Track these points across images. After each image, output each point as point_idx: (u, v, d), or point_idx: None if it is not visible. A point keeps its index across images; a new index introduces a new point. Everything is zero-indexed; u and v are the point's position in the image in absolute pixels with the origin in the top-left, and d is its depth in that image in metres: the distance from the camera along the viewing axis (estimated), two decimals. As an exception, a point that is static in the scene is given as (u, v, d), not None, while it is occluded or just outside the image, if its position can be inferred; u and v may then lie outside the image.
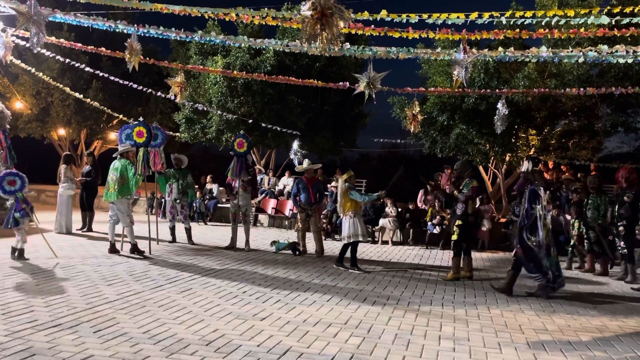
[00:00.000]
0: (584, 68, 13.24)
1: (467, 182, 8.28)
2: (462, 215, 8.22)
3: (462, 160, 8.81)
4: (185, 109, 18.17)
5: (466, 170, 8.42)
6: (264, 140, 17.91)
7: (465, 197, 8.20)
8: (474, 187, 8.28)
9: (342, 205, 8.61)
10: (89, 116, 21.23)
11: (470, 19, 6.85)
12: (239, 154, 10.13)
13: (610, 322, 5.97)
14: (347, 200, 8.54)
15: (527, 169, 7.50)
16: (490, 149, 14.45)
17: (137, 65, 7.82)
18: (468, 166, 8.56)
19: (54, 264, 7.68)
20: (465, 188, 8.24)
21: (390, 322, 5.52)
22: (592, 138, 15.22)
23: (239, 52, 16.67)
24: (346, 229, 8.55)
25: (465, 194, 8.21)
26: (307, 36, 5.60)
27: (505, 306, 6.53)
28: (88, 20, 8.02)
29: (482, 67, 13.61)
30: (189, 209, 11.34)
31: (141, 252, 8.92)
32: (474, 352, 4.70)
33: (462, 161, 8.79)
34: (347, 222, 8.54)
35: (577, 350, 4.87)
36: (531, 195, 7.25)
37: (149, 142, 9.00)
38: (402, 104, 15.55)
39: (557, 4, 13.26)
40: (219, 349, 4.39)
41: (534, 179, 7.39)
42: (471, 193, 8.22)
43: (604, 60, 7.75)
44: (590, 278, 9.01)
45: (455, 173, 8.51)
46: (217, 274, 7.64)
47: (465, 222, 8.22)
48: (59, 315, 5.10)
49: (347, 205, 8.55)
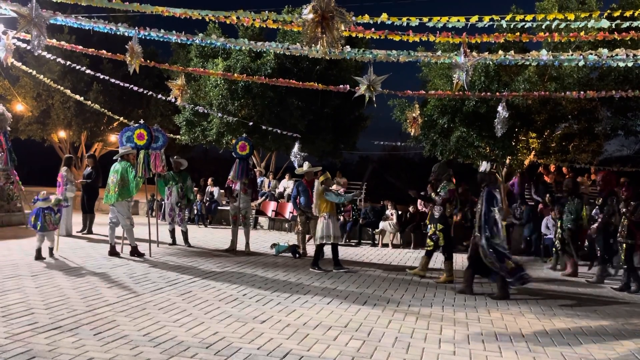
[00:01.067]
0: (584, 71, 13.25)
1: (444, 184, 8.32)
2: (440, 219, 8.27)
3: (440, 162, 8.80)
4: (186, 111, 18.18)
5: (444, 172, 8.45)
6: (264, 143, 17.92)
7: (442, 199, 8.25)
8: (451, 189, 8.31)
9: (318, 206, 8.72)
10: (89, 118, 21.26)
11: (470, 22, 6.87)
12: (241, 156, 10.15)
13: (611, 325, 5.97)
14: (323, 201, 8.64)
15: (485, 169, 7.53)
16: (490, 152, 14.45)
17: (138, 68, 7.82)
18: (446, 168, 8.57)
19: (54, 266, 7.67)
20: (443, 191, 8.28)
21: (390, 325, 5.51)
22: (592, 141, 15.22)
23: (239, 54, 16.69)
24: (319, 230, 8.62)
25: (442, 196, 8.26)
26: (308, 39, 5.61)
27: (506, 309, 6.52)
28: (89, 22, 8.03)
29: (483, 70, 13.61)
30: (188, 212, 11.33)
31: (141, 254, 8.92)
32: (474, 355, 4.70)
33: (440, 163, 8.78)
34: (322, 223, 8.62)
35: (577, 354, 4.86)
36: (488, 196, 7.27)
37: (149, 144, 9.01)
38: (403, 107, 15.55)
39: (558, 8, 13.27)
40: (219, 352, 4.39)
41: (490, 180, 7.43)
42: (448, 196, 8.27)
43: (604, 64, 7.77)
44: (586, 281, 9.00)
45: (434, 175, 8.54)
46: (217, 276, 7.64)
47: (446, 225, 8.27)
48: (59, 317, 5.09)
49: (323, 206, 8.65)
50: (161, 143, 9.75)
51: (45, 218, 8.13)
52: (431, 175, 8.60)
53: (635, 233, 7.96)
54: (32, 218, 8.18)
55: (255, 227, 15.01)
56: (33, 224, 8.16)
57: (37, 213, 8.14)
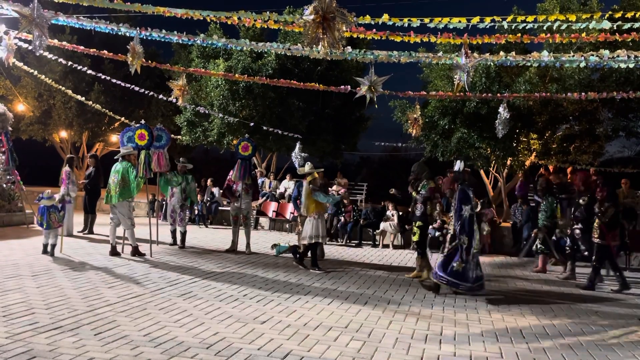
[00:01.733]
0: (585, 73, 13.24)
1: (424, 183, 8.35)
2: (421, 217, 8.31)
3: (419, 162, 8.83)
4: (187, 111, 18.19)
5: (424, 171, 8.47)
6: (265, 144, 17.92)
7: (423, 198, 8.29)
8: (431, 188, 8.34)
9: (307, 206, 8.74)
10: (90, 119, 21.28)
11: (471, 23, 6.87)
12: (243, 157, 10.16)
13: (612, 327, 5.95)
14: (312, 201, 8.68)
15: (459, 168, 7.55)
16: (491, 153, 14.45)
17: (139, 68, 7.83)
18: (425, 167, 8.60)
19: (55, 266, 7.68)
20: (423, 189, 8.30)
21: (391, 326, 5.51)
22: (593, 142, 15.21)
23: (240, 55, 16.70)
24: (308, 229, 8.67)
25: (422, 195, 8.29)
26: (309, 40, 5.61)
27: (507, 310, 6.52)
28: (90, 23, 8.05)
29: (484, 71, 13.62)
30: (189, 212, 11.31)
31: (142, 254, 8.93)
32: (474, 356, 4.69)
33: (419, 163, 8.80)
34: (310, 223, 8.66)
35: (578, 356, 4.86)
36: (462, 194, 7.30)
37: (150, 144, 9.02)
38: (404, 108, 15.55)
39: (559, 9, 13.27)
40: (219, 352, 4.39)
41: (464, 179, 7.45)
42: (428, 194, 8.30)
43: (605, 65, 7.77)
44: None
45: (414, 175, 8.56)
46: (218, 277, 7.64)
47: (426, 223, 8.32)
48: (59, 317, 5.10)
49: (312, 206, 8.68)
50: (164, 142, 9.76)
51: (50, 216, 8.46)
52: (411, 174, 8.64)
53: (607, 234, 8.07)
54: (39, 217, 8.56)
55: (256, 227, 15.01)
56: (39, 222, 8.55)
57: (42, 212, 8.47)
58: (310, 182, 8.77)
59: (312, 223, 8.64)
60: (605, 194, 8.17)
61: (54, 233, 8.62)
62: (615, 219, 8.21)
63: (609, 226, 8.10)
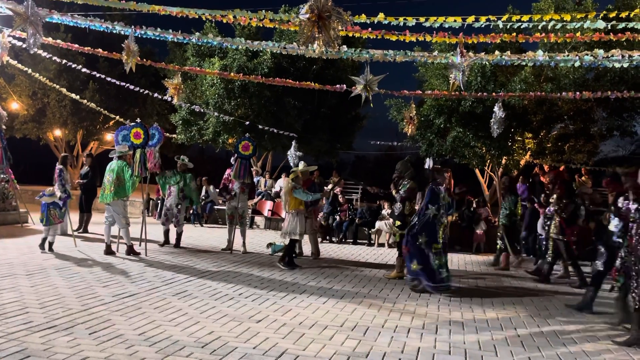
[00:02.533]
0: (580, 72, 13.30)
1: (404, 183, 8.37)
2: (399, 216, 8.35)
3: (403, 160, 8.86)
4: (182, 110, 18.15)
5: (407, 170, 8.50)
6: (261, 143, 17.87)
7: (401, 197, 8.33)
8: (410, 188, 8.37)
9: (287, 203, 8.79)
10: (85, 117, 21.18)
11: (467, 22, 6.88)
12: (243, 156, 10.12)
13: (603, 324, 5.98)
14: (292, 198, 8.72)
15: (429, 166, 7.59)
16: (486, 152, 14.49)
17: (134, 67, 7.80)
18: (409, 166, 8.62)
19: (50, 265, 7.65)
20: (403, 189, 8.33)
21: (386, 325, 5.52)
22: (587, 142, 15.27)
23: (236, 54, 16.67)
24: (285, 226, 8.74)
25: (401, 194, 8.32)
26: (305, 39, 5.60)
27: (501, 309, 6.54)
28: (85, 21, 8.00)
29: (479, 70, 13.65)
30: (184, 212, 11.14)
31: (137, 253, 8.90)
32: (469, 354, 4.71)
33: (403, 161, 8.83)
34: (288, 219, 8.74)
35: (572, 354, 4.88)
36: (430, 194, 7.36)
37: (146, 143, 9.00)
38: (399, 107, 15.57)
39: (554, 8, 13.32)
40: (215, 351, 4.38)
41: (434, 178, 7.52)
42: (406, 194, 8.34)
43: (600, 65, 7.79)
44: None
45: (397, 173, 8.58)
46: (213, 275, 7.63)
47: (404, 223, 8.29)
48: (54, 316, 5.08)
49: (292, 203, 8.73)
50: (156, 140, 9.71)
51: (50, 212, 8.73)
52: (395, 173, 8.66)
53: (566, 229, 8.20)
54: (41, 214, 8.81)
55: (251, 226, 14.99)
56: (40, 219, 8.82)
57: (44, 208, 8.75)
58: (293, 179, 8.79)
59: (289, 219, 8.70)
60: (564, 190, 8.31)
61: (54, 229, 8.86)
62: (574, 214, 8.27)
63: (568, 222, 8.22)
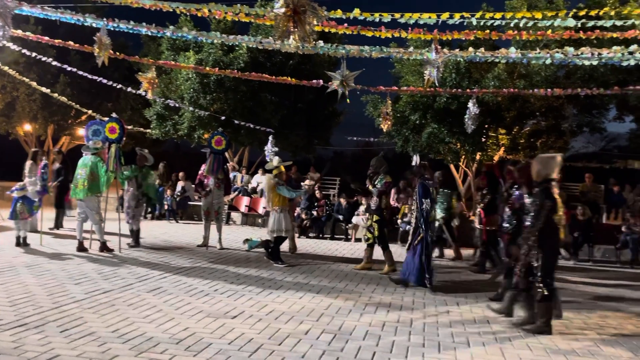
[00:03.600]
0: (551, 69, 13.57)
1: (381, 177, 8.47)
2: (376, 210, 8.44)
3: (377, 156, 8.99)
4: (157, 105, 17.91)
5: (381, 165, 8.60)
6: (237, 138, 17.78)
7: (378, 192, 8.43)
8: (387, 182, 8.48)
9: (270, 200, 8.76)
10: (56, 111, 20.71)
11: (441, 19, 6.94)
12: (216, 151, 10.02)
13: (575, 317, 6.14)
14: (275, 195, 8.69)
15: (417, 162, 7.73)
16: (461, 148, 14.69)
17: (107, 60, 7.67)
18: (383, 162, 8.73)
19: (20, 262, 7.48)
20: (379, 183, 8.43)
21: (361, 319, 5.56)
22: (559, 138, 15.61)
23: (211, 48, 16.51)
24: (271, 224, 8.69)
25: (378, 188, 8.43)
26: (280, 33, 5.58)
27: (474, 302, 6.65)
28: (55, 13, 7.83)
29: (454, 67, 13.81)
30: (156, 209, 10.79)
31: (110, 250, 8.78)
32: (443, 346, 4.78)
33: (377, 157, 8.95)
34: (273, 217, 8.69)
35: (542, 345, 5.00)
36: (422, 188, 7.51)
37: (121, 138, 8.84)
38: (376, 103, 15.67)
39: (527, 6, 13.53)
40: (189, 347, 4.36)
41: (422, 173, 7.65)
42: (384, 188, 8.46)
43: (571, 62, 7.96)
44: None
45: (372, 169, 8.68)
46: (189, 272, 7.57)
47: (381, 217, 8.43)
48: (24, 314, 4.98)
49: (275, 200, 8.70)
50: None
51: (17, 207, 8.72)
52: (370, 168, 8.74)
53: (483, 219, 8.52)
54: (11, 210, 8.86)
55: (227, 222, 14.90)
56: (10, 214, 8.85)
57: (13, 203, 8.80)
58: (276, 175, 8.76)
59: (275, 217, 8.65)
60: (486, 183, 8.60)
61: (23, 224, 8.78)
62: (493, 204, 8.36)
63: (486, 211, 8.47)
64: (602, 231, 11.83)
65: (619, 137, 30.79)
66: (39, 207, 9.29)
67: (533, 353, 4.74)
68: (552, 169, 5.44)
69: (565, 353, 4.79)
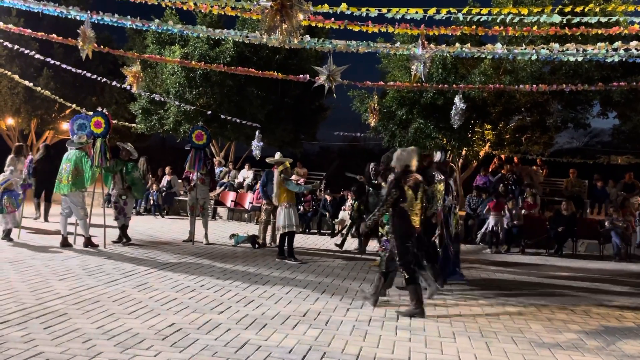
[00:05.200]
0: (536, 65, 13.66)
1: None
2: None
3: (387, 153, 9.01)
4: (142, 99, 17.75)
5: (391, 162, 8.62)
6: (223, 132, 17.70)
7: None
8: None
9: (278, 195, 8.70)
10: (39, 105, 20.40)
11: (428, 14, 6.96)
12: (197, 146, 9.92)
13: (559, 311, 6.22)
14: (283, 190, 8.64)
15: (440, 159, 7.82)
16: (447, 143, 14.75)
17: (91, 54, 7.57)
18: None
19: (2, 258, 7.37)
20: None
21: (348, 314, 5.57)
22: (543, 133, 15.76)
23: (197, 42, 16.39)
24: (281, 219, 8.60)
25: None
26: (267, 27, 5.55)
27: (460, 296, 6.70)
28: (38, 5, 7.70)
29: (440, 62, 13.85)
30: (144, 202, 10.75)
31: (95, 245, 8.69)
32: (429, 341, 4.81)
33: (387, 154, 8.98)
34: (283, 212, 8.60)
35: (526, 338, 5.05)
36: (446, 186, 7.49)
37: (107, 132, 8.73)
38: (362, 98, 15.67)
39: (512, 3, 13.61)
40: (175, 343, 4.33)
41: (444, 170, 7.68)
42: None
43: (556, 58, 8.02)
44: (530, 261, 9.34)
45: (383, 165, 8.70)
46: (174, 267, 7.52)
47: None
48: (6, 311, 4.90)
49: (283, 195, 8.64)
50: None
51: (4, 201, 8.76)
52: (380, 164, 8.76)
53: None
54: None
55: (214, 217, 14.85)
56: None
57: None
58: (282, 171, 8.69)
59: (284, 212, 8.55)
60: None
61: (11, 218, 8.86)
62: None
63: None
64: (586, 226, 11.99)
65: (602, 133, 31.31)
66: (22, 200, 9.25)
67: (518, 347, 4.78)
68: (409, 160, 5.79)
69: (550, 346, 4.85)
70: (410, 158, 5.80)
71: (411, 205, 5.69)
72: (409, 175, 5.74)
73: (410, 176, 5.74)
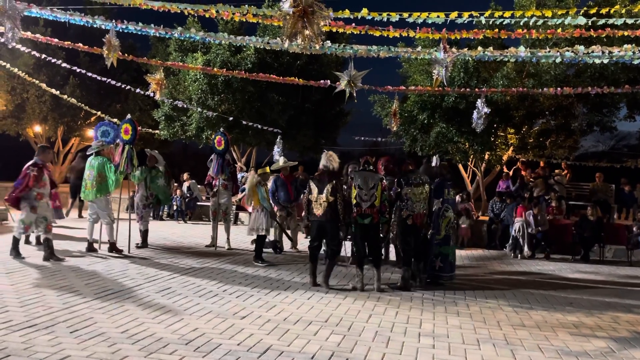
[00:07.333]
0: (561, 68, 13.45)
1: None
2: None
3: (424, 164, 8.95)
4: (165, 106, 17.98)
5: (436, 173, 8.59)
6: (245, 138, 17.81)
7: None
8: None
9: (251, 197, 8.69)
10: (66, 113, 20.85)
11: (450, 18, 6.90)
12: (217, 151, 10.08)
13: (586, 318, 6.08)
14: (255, 194, 8.62)
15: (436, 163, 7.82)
16: (469, 148, 14.60)
17: (116, 62, 7.69)
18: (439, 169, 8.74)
19: (30, 263, 7.53)
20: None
21: (370, 320, 5.54)
22: (568, 137, 15.49)
23: (219, 49, 16.55)
24: (251, 221, 8.64)
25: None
26: (288, 34, 5.57)
27: (484, 303, 6.60)
28: (65, 15, 7.85)
29: (462, 66, 13.72)
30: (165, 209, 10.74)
31: (120, 250, 8.81)
32: (452, 348, 4.75)
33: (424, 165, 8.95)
34: (253, 215, 8.64)
35: (553, 347, 4.95)
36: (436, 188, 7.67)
37: (134, 139, 8.87)
38: (383, 102, 15.62)
39: (535, 5, 13.44)
40: (199, 348, 4.36)
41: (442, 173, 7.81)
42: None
43: (581, 61, 7.88)
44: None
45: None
46: (197, 272, 7.58)
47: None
48: (34, 315, 5.01)
49: (256, 198, 8.63)
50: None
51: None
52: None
53: None
54: None
55: (235, 222, 14.92)
56: None
57: None
58: (260, 175, 8.74)
59: (254, 216, 8.60)
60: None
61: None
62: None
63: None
64: (613, 231, 11.73)
65: (629, 136, 30.63)
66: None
67: (544, 355, 4.69)
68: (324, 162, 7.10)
69: (578, 355, 4.74)
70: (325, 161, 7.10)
71: (315, 198, 6.96)
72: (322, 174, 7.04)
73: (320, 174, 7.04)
